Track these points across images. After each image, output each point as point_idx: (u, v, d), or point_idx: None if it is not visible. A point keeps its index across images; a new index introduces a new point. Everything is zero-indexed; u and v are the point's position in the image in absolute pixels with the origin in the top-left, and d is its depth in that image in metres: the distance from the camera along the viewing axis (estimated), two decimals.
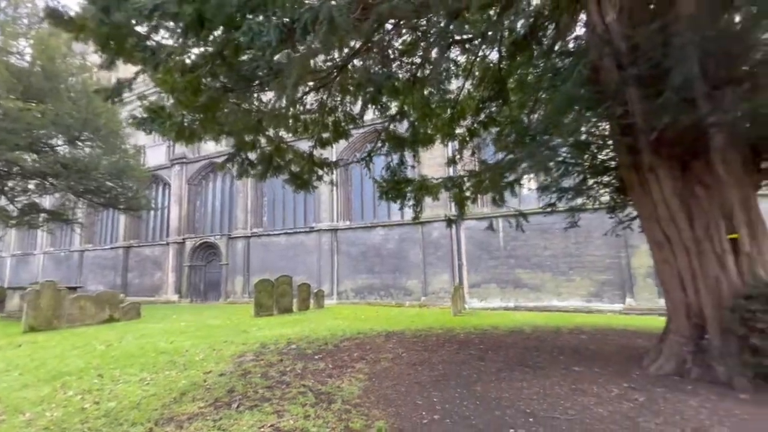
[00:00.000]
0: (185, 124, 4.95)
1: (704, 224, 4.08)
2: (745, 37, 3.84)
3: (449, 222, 8.75)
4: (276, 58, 3.82)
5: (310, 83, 6.97)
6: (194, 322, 10.83)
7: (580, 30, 6.03)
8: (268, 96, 6.96)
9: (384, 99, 7.72)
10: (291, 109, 7.40)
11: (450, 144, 10.64)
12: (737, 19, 4.43)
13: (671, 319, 4.53)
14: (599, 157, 5.29)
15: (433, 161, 14.87)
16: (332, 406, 3.84)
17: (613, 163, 5.13)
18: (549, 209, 6.53)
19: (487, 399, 3.95)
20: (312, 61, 7.24)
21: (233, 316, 12.19)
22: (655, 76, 3.87)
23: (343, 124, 8.08)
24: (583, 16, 5.60)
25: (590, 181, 5.68)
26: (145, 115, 5.20)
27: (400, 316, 11.50)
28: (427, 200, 8.40)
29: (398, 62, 7.61)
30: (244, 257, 20.69)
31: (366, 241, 17.88)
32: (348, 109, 8.01)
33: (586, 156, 5.19)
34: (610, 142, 4.90)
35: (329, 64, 6.88)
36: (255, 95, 6.62)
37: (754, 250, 3.93)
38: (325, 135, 8.23)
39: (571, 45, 5.97)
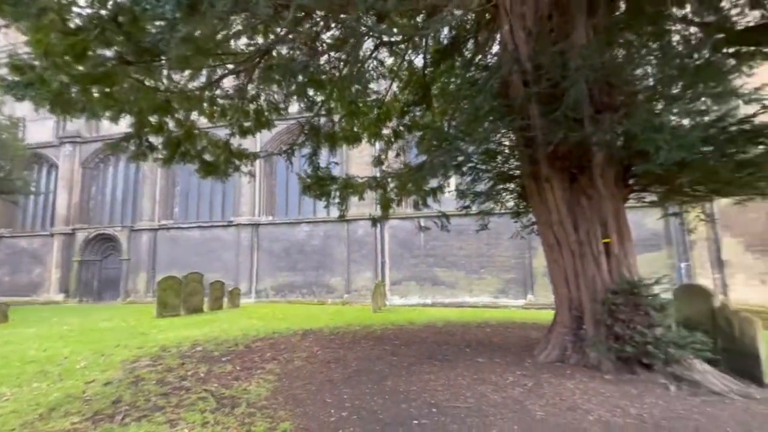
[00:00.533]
0: (69, 94, 4.24)
1: (586, 230, 4.70)
2: (623, 71, 4.51)
3: (374, 221, 8.86)
4: (182, 32, 3.46)
5: (230, 65, 6.51)
6: (80, 326, 9.43)
7: (497, 47, 6.54)
8: (182, 74, 6.35)
9: (311, 92, 7.54)
10: (206, 91, 6.84)
11: (377, 144, 10.80)
12: (619, 54, 5.19)
13: (558, 312, 5.13)
14: (506, 165, 5.78)
15: (361, 160, 14.95)
16: (235, 410, 3.62)
17: (517, 172, 5.65)
18: (464, 212, 6.97)
19: (396, 393, 4.06)
20: (233, 43, 6.78)
21: (131, 318, 10.89)
22: (553, 96, 4.34)
23: (266, 113, 7.70)
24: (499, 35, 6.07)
25: (499, 187, 6.18)
26: (17, 78, 4.34)
27: (321, 314, 11.35)
28: (355, 198, 8.40)
29: (327, 56, 7.50)
30: (149, 252, 18.63)
31: (290, 237, 17.32)
32: (272, 98, 7.65)
33: (495, 164, 5.64)
34: (516, 152, 5.39)
35: (252, 48, 6.49)
36: (163, 72, 5.98)
37: (622, 253, 4.64)
38: (247, 123, 7.77)
39: (488, 60, 6.44)
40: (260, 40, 7.01)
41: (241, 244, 17.49)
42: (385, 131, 8.79)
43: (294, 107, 8.04)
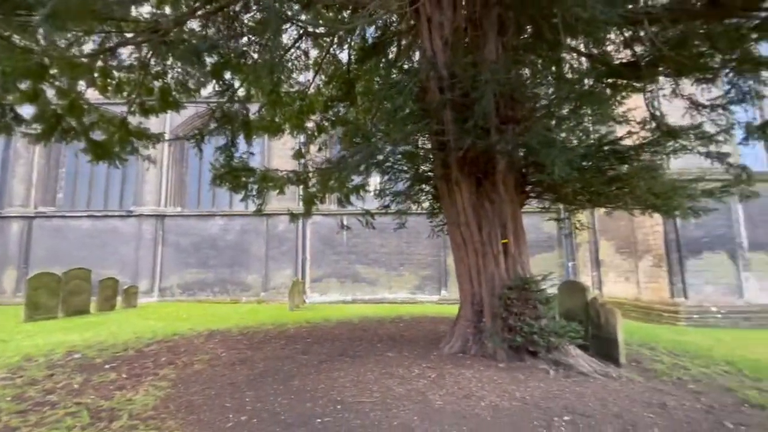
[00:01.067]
0: None
1: (488, 231, 5.10)
2: (525, 89, 4.97)
3: (293, 216, 8.57)
4: None
5: (128, 34, 5.75)
6: None
7: (419, 52, 6.77)
8: (65, 37, 5.43)
9: (227, 75, 7.01)
10: (98, 60, 5.96)
11: (302, 137, 10.48)
12: (525, 73, 5.72)
13: (462, 307, 5.50)
14: (423, 167, 6.03)
15: (284, 153, 14.36)
16: (113, 424, 3.20)
17: (432, 174, 5.93)
18: (384, 211, 7.10)
19: (303, 392, 3.97)
20: (133, 9, 6.00)
21: None
22: (465, 104, 4.63)
23: (174, 92, 6.97)
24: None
25: (416, 188, 6.41)
26: None
27: (232, 313, 10.67)
28: (275, 192, 8.00)
29: (247, 38, 7.04)
30: (21, 244, 15.69)
31: (201, 231, 15.97)
32: (182, 77, 6.95)
33: (413, 165, 5.84)
34: (431, 155, 5.64)
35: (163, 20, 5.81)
36: (40, 31, 5.04)
37: (517, 252, 5.14)
38: (150, 102, 6.95)
39: (410, 64, 6.64)
40: (168, 10, 6.32)
41: (143, 237, 15.65)
42: (309, 124, 8.58)
43: (211, 90, 7.40)
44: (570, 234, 14.04)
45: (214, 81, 6.86)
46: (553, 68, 5.46)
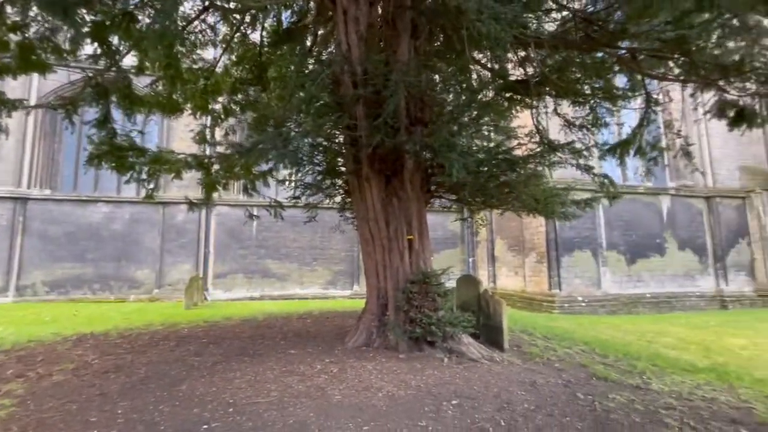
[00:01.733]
0: None
1: (395, 227, 5.28)
2: (434, 93, 5.23)
3: (192, 205, 7.79)
4: None
5: None
6: None
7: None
8: None
9: (115, 40, 6.04)
10: None
11: (208, 119, 9.58)
12: (435, 78, 5.99)
13: (368, 301, 5.61)
14: (336, 161, 5.97)
15: (187, 135, 12.99)
16: None
17: (343, 168, 5.91)
18: (293, 202, 6.87)
19: (191, 398, 3.64)
20: None
21: None
22: (377, 102, 4.69)
23: (39, 51, 5.77)
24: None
25: (328, 181, 6.33)
26: None
27: (114, 313, 9.35)
28: (176, 178, 7.11)
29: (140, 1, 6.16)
30: None
31: (79, 219, 13.64)
32: (49, 33, 5.79)
33: (325, 158, 5.75)
34: (343, 149, 5.62)
35: None
36: None
37: (421, 248, 5.41)
38: (6, 59, 5.67)
39: (325, 54, 6.51)
40: None
41: None
42: (216, 106, 7.89)
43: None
44: (472, 232, 15.30)
45: (96, 45, 5.86)
46: (460, 77, 5.85)
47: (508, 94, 6.16)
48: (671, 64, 4.10)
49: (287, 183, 6.06)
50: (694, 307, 12.70)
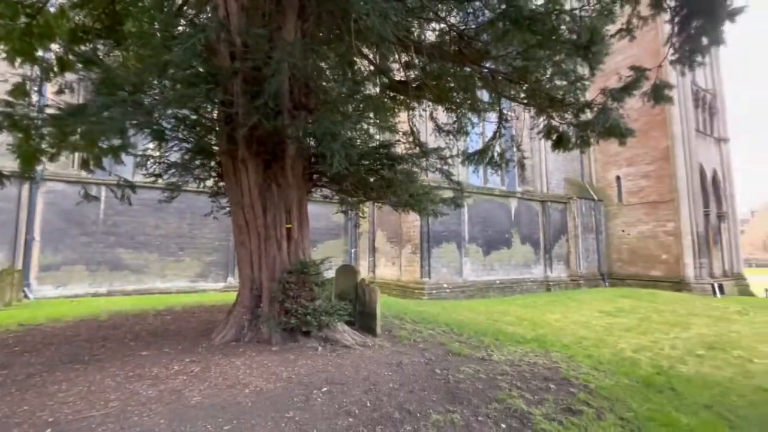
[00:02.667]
0: None
1: (273, 215, 5.04)
2: (320, 80, 5.12)
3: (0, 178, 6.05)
4: None
5: None
6: None
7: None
8: None
9: None
10: None
11: (34, 70, 7.52)
12: (322, 66, 5.86)
13: (240, 293, 5.25)
14: (207, 139, 5.37)
15: (3, 88, 10.00)
16: None
17: (216, 148, 5.36)
18: (151, 183, 5.94)
19: None
20: None
21: None
22: (257, 79, 4.36)
23: None
24: None
25: (197, 161, 5.66)
26: None
27: None
28: None
29: None
30: None
31: None
32: None
33: (192, 134, 5.11)
34: (216, 127, 5.09)
35: None
36: None
37: (300, 237, 5.29)
38: None
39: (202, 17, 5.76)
40: None
41: None
42: (48, 55, 6.28)
43: None
44: (354, 224, 15.70)
45: None
46: (347, 69, 5.87)
47: (392, 93, 6.46)
48: (519, 89, 4.89)
49: (138, 160, 5.17)
50: (529, 290, 15.56)
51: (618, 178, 18.90)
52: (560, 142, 4.98)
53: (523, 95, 4.88)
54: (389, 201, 5.70)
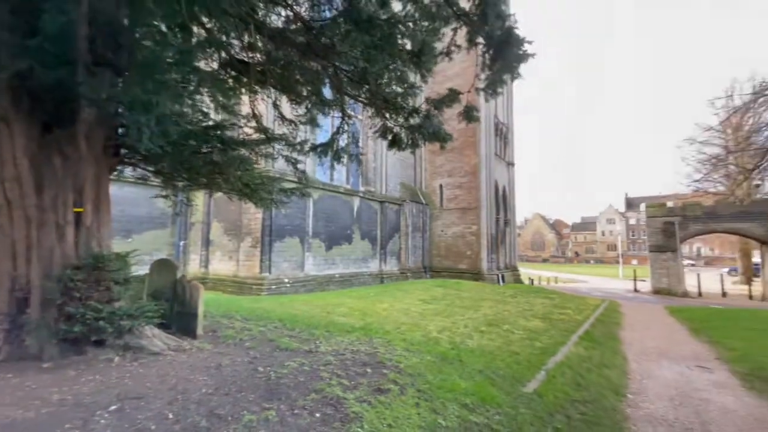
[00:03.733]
0: None
1: (53, 194, 3.92)
2: (125, 39, 4.23)
3: None
4: None
5: None
6: None
7: None
8: None
9: None
10: None
11: None
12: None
13: None
14: None
15: None
16: None
17: None
18: None
19: None
20: None
21: None
22: (35, 6, 3.29)
23: None
24: None
25: None
26: None
27: None
28: None
29: None
30: None
31: None
32: None
33: None
34: None
35: None
36: None
37: (95, 224, 4.27)
38: None
39: None
40: None
41: None
42: None
43: None
44: (178, 212, 13.80)
45: None
46: (178, 33, 5.06)
47: (233, 72, 5.91)
48: (360, 89, 5.19)
49: None
50: (365, 283, 16.76)
51: (441, 186, 22.28)
52: (395, 142, 5.52)
53: (363, 96, 5.19)
54: (220, 188, 5.18)
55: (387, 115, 5.24)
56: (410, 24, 4.41)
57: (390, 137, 5.48)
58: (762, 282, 22.53)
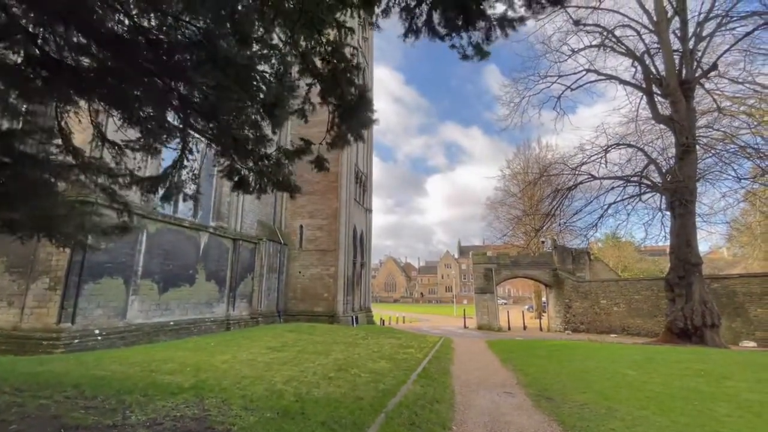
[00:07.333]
0: None
1: None
2: None
3: None
4: None
5: None
6: None
7: None
8: None
9: None
10: None
11: None
12: None
13: None
14: None
15: None
16: None
17: None
18: None
19: None
20: None
21: None
22: None
23: None
24: None
25: None
26: None
27: None
28: None
29: None
30: None
31: None
32: None
33: None
34: None
35: None
36: None
37: None
38: None
39: None
40: None
41: None
42: None
43: None
44: None
45: None
46: None
47: (45, 73, 4.80)
48: (208, 125, 4.85)
49: None
50: (208, 331, 14.75)
51: (301, 226, 22.11)
52: (241, 185, 5.24)
53: (210, 133, 4.85)
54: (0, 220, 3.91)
55: (235, 157, 5.01)
56: (266, 74, 4.45)
57: (236, 179, 5.22)
58: (547, 317, 29.16)
